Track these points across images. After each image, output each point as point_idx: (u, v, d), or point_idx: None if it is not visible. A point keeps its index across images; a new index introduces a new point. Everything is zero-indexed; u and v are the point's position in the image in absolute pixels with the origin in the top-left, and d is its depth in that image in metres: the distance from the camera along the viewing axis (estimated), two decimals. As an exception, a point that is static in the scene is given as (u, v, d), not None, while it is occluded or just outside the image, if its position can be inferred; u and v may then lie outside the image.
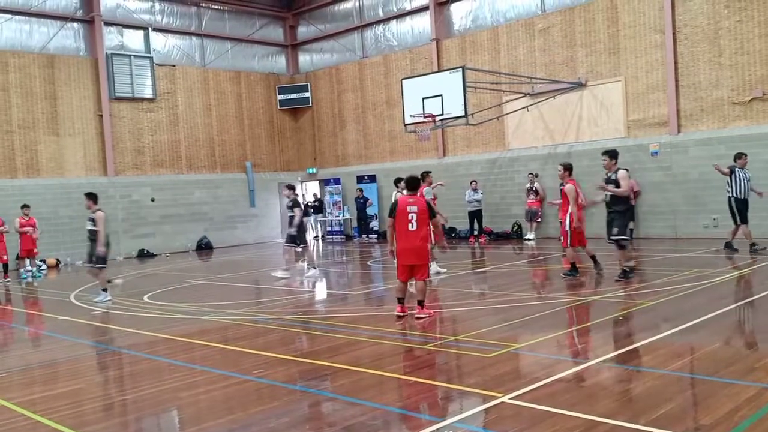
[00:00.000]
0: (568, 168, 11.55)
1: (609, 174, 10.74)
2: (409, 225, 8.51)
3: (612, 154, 10.90)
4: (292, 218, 13.97)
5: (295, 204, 14.04)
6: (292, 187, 14.46)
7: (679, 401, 4.90)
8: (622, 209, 10.60)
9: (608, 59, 18.15)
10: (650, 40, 17.36)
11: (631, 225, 17.04)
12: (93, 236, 11.87)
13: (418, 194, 9.26)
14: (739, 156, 13.73)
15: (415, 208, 8.58)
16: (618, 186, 10.47)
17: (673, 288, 9.49)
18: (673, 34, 16.85)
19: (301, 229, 14.04)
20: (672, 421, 4.38)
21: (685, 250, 14.39)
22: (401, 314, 8.55)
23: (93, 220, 11.87)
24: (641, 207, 17.51)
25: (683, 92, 16.93)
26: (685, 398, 5.07)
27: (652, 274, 11.27)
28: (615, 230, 10.40)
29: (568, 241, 11.21)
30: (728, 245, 13.55)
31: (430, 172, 13.61)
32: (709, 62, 16.47)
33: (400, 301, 8.68)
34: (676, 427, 4.28)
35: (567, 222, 11.18)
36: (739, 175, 13.46)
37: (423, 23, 22.66)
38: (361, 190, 23.29)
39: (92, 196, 12.19)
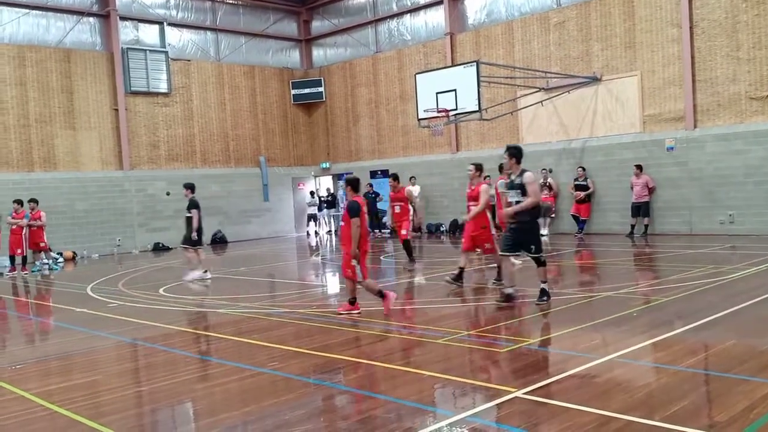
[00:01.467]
0: (479, 168, 10.62)
1: (512, 177, 8.73)
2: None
3: (513, 152, 8.75)
4: (189, 219, 13.44)
5: (192, 205, 13.45)
6: (190, 187, 13.75)
7: (694, 398, 4.88)
8: (528, 219, 8.64)
9: (624, 53, 18.01)
10: (667, 34, 17.21)
11: (646, 220, 17.09)
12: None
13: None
14: None
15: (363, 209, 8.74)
16: (524, 193, 8.52)
17: (687, 284, 9.43)
18: (690, 28, 16.69)
19: (199, 230, 13.46)
20: (687, 418, 4.37)
21: (701, 246, 14.29)
22: (355, 311, 8.65)
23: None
24: (656, 203, 17.40)
25: (700, 87, 16.78)
26: (699, 395, 5.05)
27: (667, 270, 11.20)
28: (533, 247, 8.63)
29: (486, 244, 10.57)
30: None
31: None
32: (726, 57, 16.30)
33: (353, 302, 8.76)
34: (690, 423, 4.27)
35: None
36: None
37: (437, 17, 22.59)
38: (371, 185, 23.28)
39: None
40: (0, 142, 19.58)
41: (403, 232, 13.31)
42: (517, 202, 8.58)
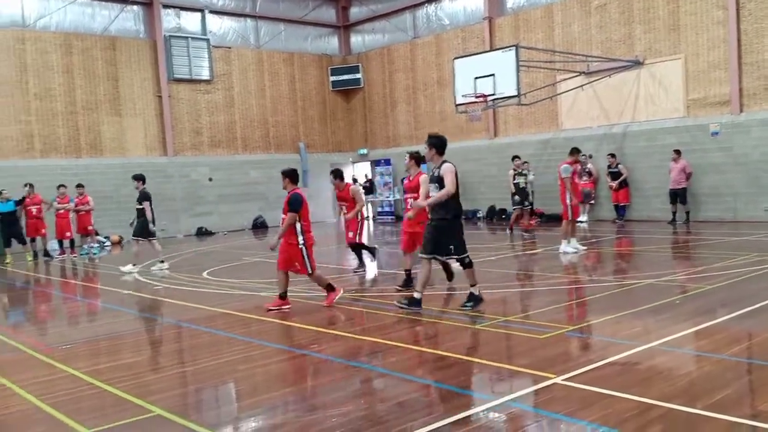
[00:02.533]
0: (415, 157, 9.56)
1: (433, 170, 7.88)
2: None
3: (433, 141, 7.91)
4: (140, 211, 13.27)
5: (144, 197, 13.29)
6: (140, 178, 13.54)
7: (737, 387, 4.82)
8: (444, 216, 7.79)
9: (667, 36, 17.57)
10: (712, 16, 16.72)
11: (685, 207, 16.73)
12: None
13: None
14: None
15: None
16: (442, 185, 7.69)
17: (731, 272, 9.24)
18: (737, 9, 16.18)
19: (152, 222, 13.39)
20: (729, 407, 4.32)
21: (745, 233, 13.95)
22: (285, 306, 8.43)
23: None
24: (700, 189, 17.01)
25: (746, 70, 16.28)
26: (742, 384, 4.98)
27: (711, 258, 10.98)
28: (452, 248, 7.85)
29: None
30: None
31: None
32: (776, 39, 15.77)
33: (283, 297, 8.52)
34: (733, 412, 4.22)
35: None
36: None
37: (475, 1, 22.35)
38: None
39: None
40: (48, 128, 20.17)
41: (350, 234, 11.64)
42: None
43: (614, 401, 4.54)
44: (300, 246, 8.43)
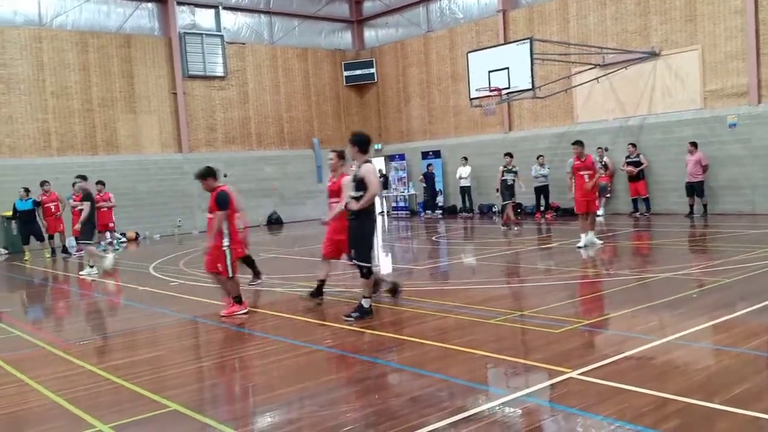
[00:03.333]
0: (342, 156, 8.88)
1: (355, 172, 7.50)
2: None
3: (355, 139, 7.63)
4: (81, 212, 12.69)
5: (86, 197, 12.78)
6: (84, 177, 13.04)
7: (756, 381, 4.76)
8: (356, 217, 7.37)
9: (684, 27, 17.35)
10: (729, 6, 16.48)
11: (702, 200, 16.56)
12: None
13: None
14: None
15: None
16: (361, 186, 7.30)
17: (750, 265, 9.13)
18: (756, -1, 15.95)
19: (89, 224, 12.69)
20: (748, 401, 4.27)
21: (764, 226, 13.76)
22: (241, 311, 8.10)
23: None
24: (716, 182, 16.80)
25: (764, 60, 16.03)
26: (762, 378, 4.91)
27: (729, 251, 10.85)
28: (353, 252, 7.44)
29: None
30: None
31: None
32: (796, 28, 15.52)
33: (238, 301, 8.16)
34: (752, 406, 4.17)
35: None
36: None
37: (489, -6, 22.20)
38: (431, 165, 23.22)
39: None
40: (65, 125, 20.36)
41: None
42: (355, 199, 7.33)
43: (631, 396, 4.51)
44: (224, 248, 7.98)
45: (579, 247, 12.02)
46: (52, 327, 8.96)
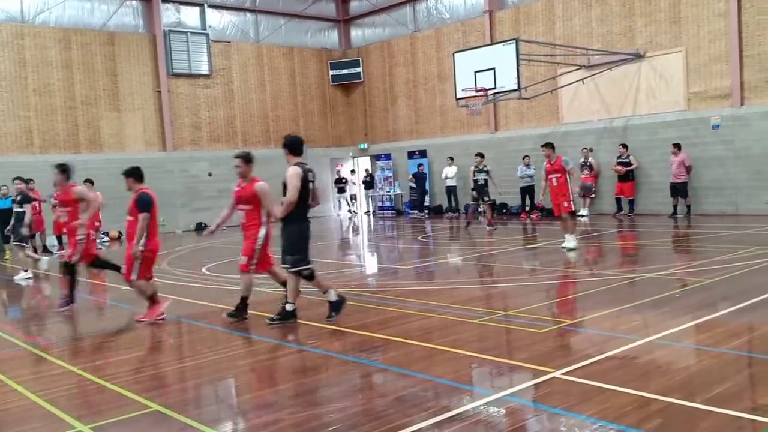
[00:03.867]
0: (249, 159, 8.25)
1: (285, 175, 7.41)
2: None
3: (286, 141, 7.57)
4: (20, 214, 12.51)
5: (25, 199, 12.61)
6: (26, 180, 12.72)
7: (737, 380, 4.80)
8: (291, 224, 7.38)
9: (668, 29, 17.49)
10: (713, 9, 16.64)
11: (686, 201, 16.68)
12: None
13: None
14: None
15: None
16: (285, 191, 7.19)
17: (732, 266, 9.21)
18: (738, 1, 16.12)
19: (22, 227, 12.44)
20: (729, 401, 4.30)
21: (746, 227, 13.91)
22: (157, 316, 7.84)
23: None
24: (701, 182, 16.96)
25: (747, 63, 16.21)
26: (742, 377, 4.97)
27: (712, 251, 10.95)
28: (288, 257, 7.29)
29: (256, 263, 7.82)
30: None
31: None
32: (777, 31, 15.71)
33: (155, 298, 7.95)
34: (733, 406, 4.20)
35: (260, 239, 7.92)
36: None
37: (476, -5, 22.26)
38: (422, 165, 23.18)
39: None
40: (48, 123, 20.14)
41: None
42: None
43: (613, 395, 4.52)
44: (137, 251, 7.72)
45: (563, 248, 12.03)
46: (33, 327, 8.85)
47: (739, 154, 16.38)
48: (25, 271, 12.64)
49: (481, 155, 17.11)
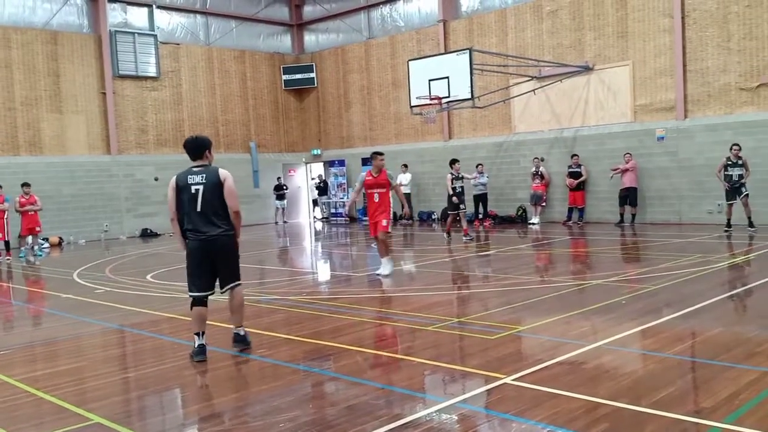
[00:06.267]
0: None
1: None
2: None
3: (184, 145, 6.96)
4: None
5: None
6: None
7: (681, 384, 4.92)
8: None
9: (616, 43, 17.99)
10: (659, 24, 17.19)
11: (634, 209, 17.21)
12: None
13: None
14: None
15: None
16: None
17: (676, 273, 9.48)
18: (682, 18, 16.68)
19: None
20: (673, 404, 4.40)
21: (689, 235, 14.37)
22: None
23: None
24: (646, 192, 17.46)
25: (691, 77, 16.79)
26: (686, 381, 5.08)
27: (657, 258, 11.25)
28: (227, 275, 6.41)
29: None
30: None
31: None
32: (717, 47, 16.32)
33: None
34: (677, 409, 4.29)
35: None
36: None
37: (430, 4, 22.44)
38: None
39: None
40: (-14, 125, 19.34)
41: None
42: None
43: (563, 400, 4.56)
44: None
45: (378, 275, 10.57)
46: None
47: (682, 165, 16.93)
48: None
49: (456, 161, 16.16)
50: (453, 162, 16.12)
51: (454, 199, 15.73)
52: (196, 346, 6.18)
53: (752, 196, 14.86)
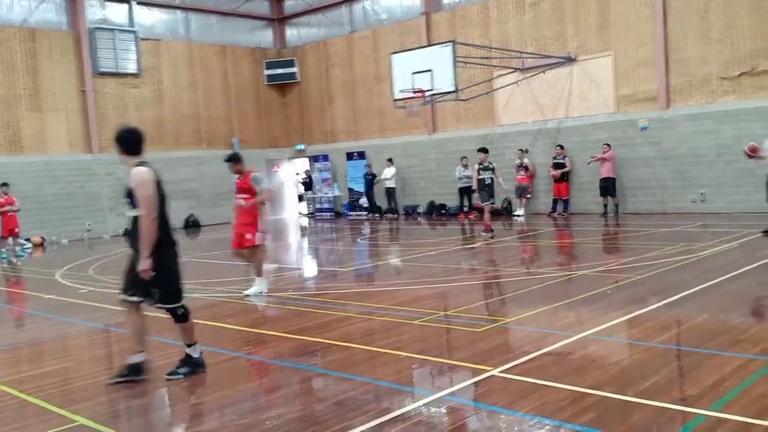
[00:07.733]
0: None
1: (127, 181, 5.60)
2: None
3: (116, 136, 5.73)
4: None
5: None
6: None
7: (666, 373, 4.95)
8: (156, 250, 5.36)
9: (598, 34, 18.04)
10: (640, 15, 17.26)
11: (615, 200, 17.33)
12: None
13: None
14: None
15: None
16: (135, 202, 5.45)
17: (660, 262, 9.55)
18: (663, 8, 16.75)
19: None
20: (659, 392, 4.43)
21: (673, 224, 14.48)
22: None
23: None
24: (630, 182, 17.56)
25: (672, 67, 16.88)
26: (671, 370, 5.12)
27: (641, 248, 11.33)
28: (155, 292, 5.49)
29: None
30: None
31: None
32: (698, 37, 16.42)
33: None
34: (663, 397, 4.32)
35: None
36: None
37: (412, -4, 22.36)
38: (369, 165, 22.84)
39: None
40: (-36, 124, 19.04)
41: None
42: (134, 218, 5.43)
43: (549, 391, 4.58)
44: None
45: (246, 295, 9.03)
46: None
47: (665, 155, 17.05)
48: None
49: (485, 150, 14.45)
50: (481, 150, 14.43)
51: (479, 192, 14.26)
52: (201, 353, 5.75)
53: (730, 185, 14.97)
